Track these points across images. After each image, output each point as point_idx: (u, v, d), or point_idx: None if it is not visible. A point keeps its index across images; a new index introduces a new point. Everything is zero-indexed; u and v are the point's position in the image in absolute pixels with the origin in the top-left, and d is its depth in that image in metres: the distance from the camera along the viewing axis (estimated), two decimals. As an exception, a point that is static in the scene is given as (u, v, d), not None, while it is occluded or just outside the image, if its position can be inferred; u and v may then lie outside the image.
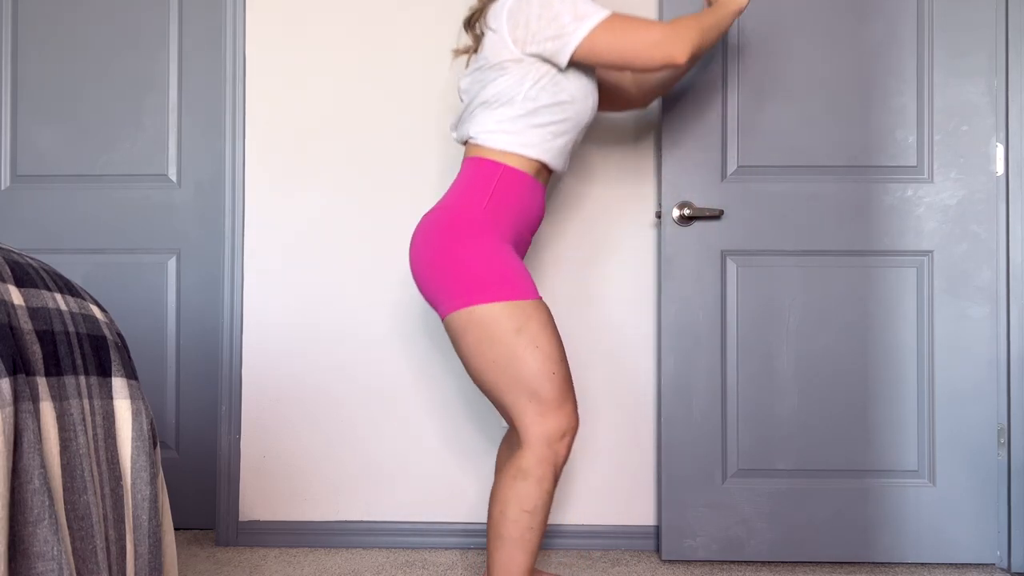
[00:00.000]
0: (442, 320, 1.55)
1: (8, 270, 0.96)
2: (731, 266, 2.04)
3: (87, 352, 1.03)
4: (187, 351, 2.30)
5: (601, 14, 1.52)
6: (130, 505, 1.06)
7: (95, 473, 0.98)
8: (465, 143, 1.65)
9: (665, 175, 2.04)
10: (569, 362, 2.10)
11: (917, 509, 2.01)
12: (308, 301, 2.18)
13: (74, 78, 2.31)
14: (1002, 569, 2.00)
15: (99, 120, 2.31)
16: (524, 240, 1.64)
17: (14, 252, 1.03)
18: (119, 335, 1.13)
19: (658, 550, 2.12)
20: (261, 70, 2.18)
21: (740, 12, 1.64)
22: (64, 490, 0.91)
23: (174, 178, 2.31)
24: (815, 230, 2.03)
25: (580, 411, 2.15)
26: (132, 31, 2.30)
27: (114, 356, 1.08)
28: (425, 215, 1.60)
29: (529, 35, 1.52)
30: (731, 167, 2.04)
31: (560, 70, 1.55)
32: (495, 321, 1.46)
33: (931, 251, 2.02)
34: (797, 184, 2.03)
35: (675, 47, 1.51)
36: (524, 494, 1.47)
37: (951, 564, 2.02)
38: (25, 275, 0.98)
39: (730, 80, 2.04)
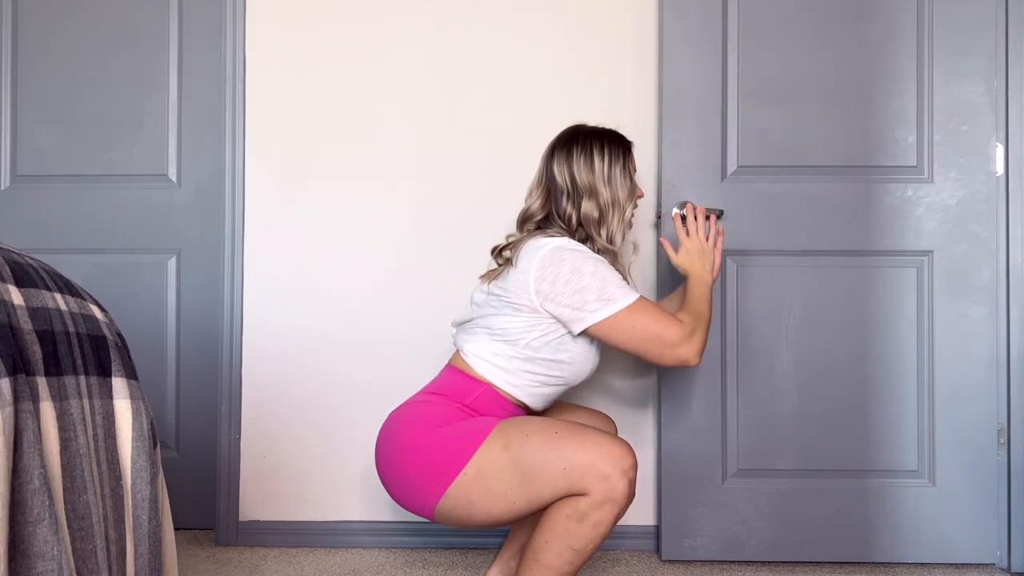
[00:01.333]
0: (432, 515, 1.47)
1: (8, 270, 0.96)
2: (731, 266, 2.04)
3: (87, 352, 1.03)
4: (187, 351, 2.30)
5: (625, 301, 1.51)
6: (130, 505, 1.06)
7: (95, 473, 0.98)
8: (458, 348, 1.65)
9: (665, 175, 2.04)
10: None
11: (917, 509, 2.01)
12: (308, 301, 2.18)
13: (74, 78, 2.31)
14: (1002, 569, 2.00)
15: (99, 120, 2.31)
16: None
17: (14, 252, 1.03)
18: (119, 335, 1.13)
19: (658, 550, 2.12)
20: (261, 70, 2.18)
21: (716, 275, 1.71)
22: (64, 490, 0.91)
23: (174, 178, 2.31)
24: (815, 230, 2.03)
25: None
26: (132, 31, 2.30)
27: (114, 356, 1.08)
28: (391, 414, 1.58)
29: (553, 294, 1.51)
30: (731, 167, 2.04)
31: (570, 334, 1.56)
32: (486, 463, 1.42)
33: (931, 251, 2.02)
34: (797, 184, 2.03)
35: (689, 353, 1.53)
36: (577, 535, 1.39)
37: (951, 564, 2.02)
38: (25, 275, 0.98)
39: (730, 80, 2.04)
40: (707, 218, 1.76)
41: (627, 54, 2.15)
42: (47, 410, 0.91)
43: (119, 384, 1.07)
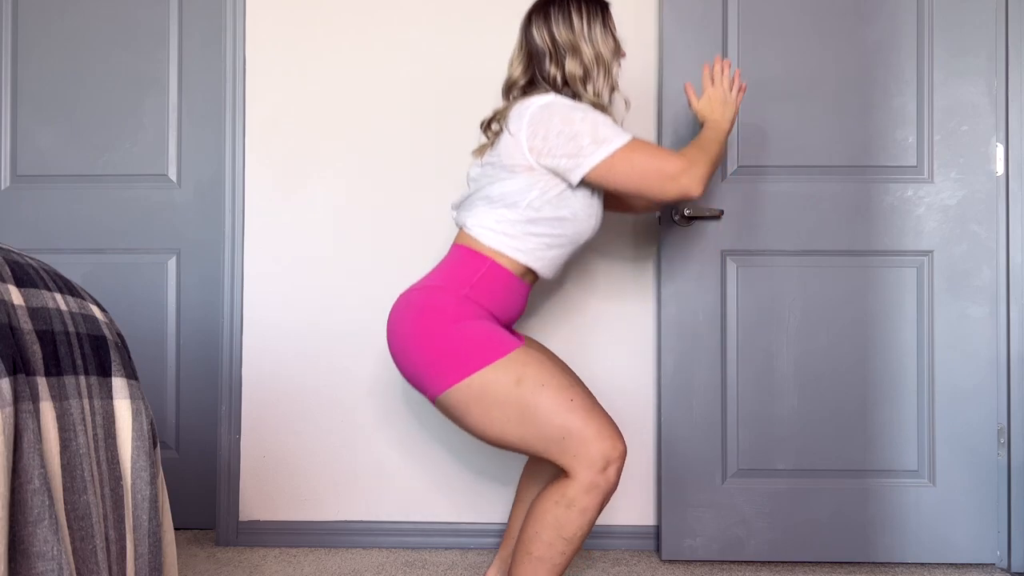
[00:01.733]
0: (433, 401, 1.51)
1: (8, 270, 0.96)
2: (731, 266, 2.04)
3: (87, 352, 1.03)
4: (187, 351, 2.30)
5: (620, 140, 1.50)
6: (130, 505, 1.06)
7: (95, 473, 0.98)
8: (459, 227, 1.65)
9: (665, 175, 2.04)
10: (568, 363, 2.11)
11: (917, 509, 2.01)
12: (308, 301, 2.18)
13: (74, 78, 2.31)
14: (1002, 569, 2.00)
15: (99, 120, 2.31)
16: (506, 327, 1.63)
17: (14, 252, 1.03)
18: (119, 335, 1.13)
19: (658, 550, 2.12)
20: (261, 70, 2.18)
21: (732, 126, 1.67)
22: (64, 490, 0.91)
23: (174, 178, 2.31)
24: (815, 230, 2.03)
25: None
26: (132, 31, 2.30)
27: (114, 356, 1.08)
28: (402, 294, 1.59)
29: (546, 148, 1.50)
30: (731, 167, 2.04)
31: (570, 187, 1.55)
32: (493, 383, 1.44)
33: (931, 251, 2.02)
34: (797, 184, 2.03)
35: (691, 182, 1.51)
36: (565, 522, 1.42)
37: (951, 564, 2.02)
38: (25, 275, 0.98)
39: (730, 80, 2.04)
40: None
41: (627, 53, 2.15)
42: (47, 410, 0.91)
43: (119, 384, 1.07)
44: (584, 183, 1.54)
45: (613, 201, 1.88)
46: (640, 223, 2.16)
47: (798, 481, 2.03)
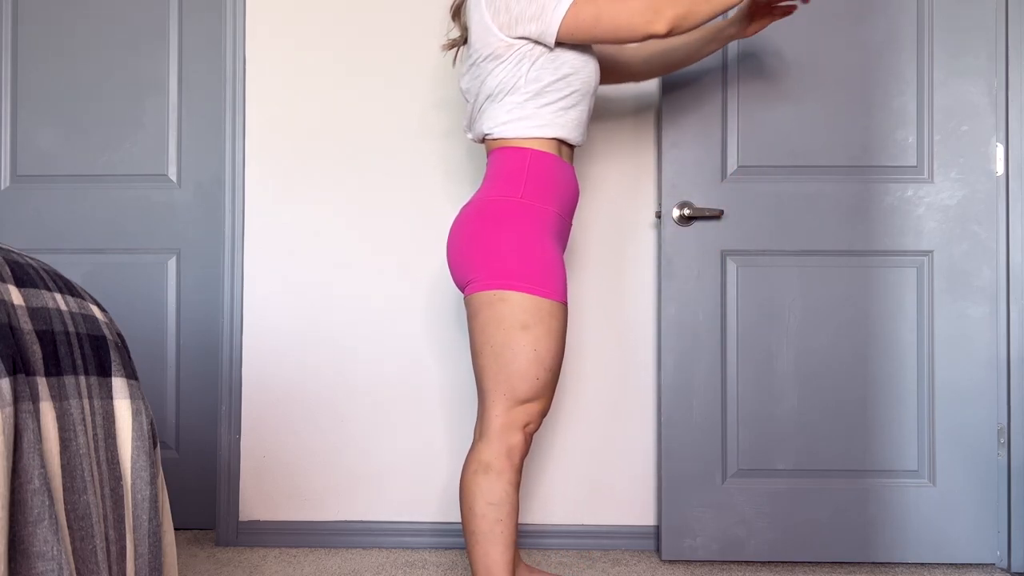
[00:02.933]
0: (466, 298, 1.54)
1: (8, 270, 0.96)
2: (731, 266, 2.04)
3: (87, 352, 1.03)
4: (187, 351, 2.30)
5: None
6: (130, 505, 1.06)
7: (95, 473, 0.98)
8: (482, 141, 1.65)
9: (665, 175, 2.04)
10: (568, 363, 2.12)
11: (917, 509, 2.01)
12: (308, 301, 2.18)
13: (74, 78, 2.31)
14: (1002, 569, 2.00)
15: (99, 120, 2.31)
16: (566, 223, 1.62)
17: (14, 252, 1.03)
18: (119, 335, 1.13)
19: (658, 550, 2.12)
20: (261, 70, 2.18)
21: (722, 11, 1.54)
22: (64, 490, 0.91)
23: (174, 178, 2.31)
24: (815, 230, 2.03)
25: (580, 411, 2.16)
26: (132, 31, 2.30)
27: (114, 356, 1.08)
28: (464, 207, 1.60)
29: (511, 19, 1.50)
30: (731, 167, 2.04)
31: (551, 49, 1.54)
32: (509, 308, 1.47)
33: (931, 251, 2.02)
34: (797, 184, 2.03)
35: (655, 17, 1.48)
36: (487, 487, 1.48)
37: (951, 564, 2.02)
38: (25, 275, 0.98)
39: (730, 80, 2.04)
40: None
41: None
42: (47, 410, 0.91)
43: (119, 384, 1.07)
44: (561, 42, 1.53)
45: (610, 71, 1.83)
46: (640, 223, 2.16)
47: (798, 481, 2.03)
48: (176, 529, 2.25)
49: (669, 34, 1.52)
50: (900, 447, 2.02)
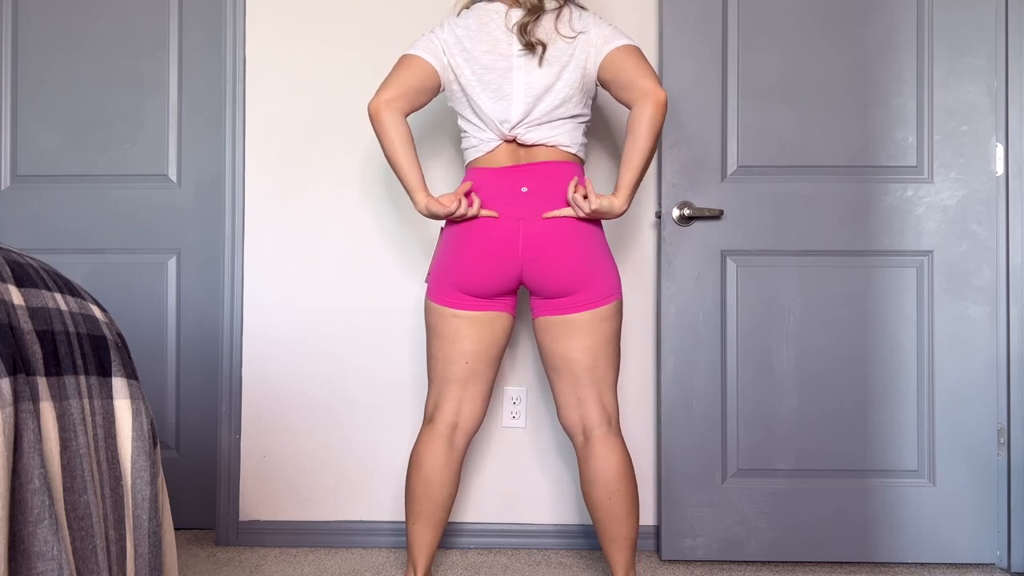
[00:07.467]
0: (598, 307, 1.65)
1: (8, 270, 0.96)
2: (731, 266, 2.04)
3: (87, 352, 1.03)
4: (187, 351, 2.30)
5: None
6: (130, 505, 1.06)
7: (95, 473, 0.98)
8: (522, 142, 1.69)
9: (665, 175, 2.04)
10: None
11: (917, 509, 2.01)
12: (308, 301, 2.18)
13: (74, 78, 2.31)
14: (1002, 569, 2.00)
15: (99, 120, 2.31)
16: None
17: (14, 252, 1.03)
18: (119, 335, 1.13)
19: (658, 550, 2.12)
20: (261, 70, 2.18)
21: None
22: (64, 490, 0.91)
23: (174, 178, 2.31)
24: (815, 230, 2.03)
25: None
26: (132, 31, 2.30)
27: (114, 356, 1.08)
28: (569, 219, 1.64)
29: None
30: (731, 167, 2.04)
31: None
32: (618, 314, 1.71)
33: (931, 251, 2.02)
34: (797, 184, 2.03)
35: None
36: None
37: (951, 564, 2.02)
38: (25, 275, 0.98)
39: (730, 80, 2.04)
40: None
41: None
42: (47, 410, 0.91)
43: (119, 384, 1.07)
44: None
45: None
46: (640, 223, 2.16)
47: (798, 481, 2.03)
48: (176, 529, 2.25)
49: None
50: (900, 447, 2.02)
